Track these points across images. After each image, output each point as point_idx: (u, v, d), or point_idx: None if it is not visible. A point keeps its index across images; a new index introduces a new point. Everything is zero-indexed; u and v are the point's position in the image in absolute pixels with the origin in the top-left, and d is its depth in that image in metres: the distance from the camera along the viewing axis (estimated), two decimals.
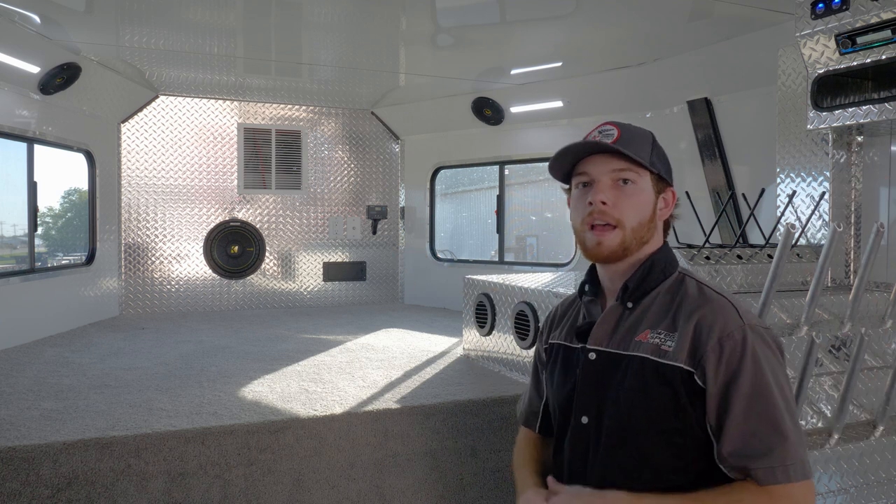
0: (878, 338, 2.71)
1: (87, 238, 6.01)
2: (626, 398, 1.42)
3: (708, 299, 1.42)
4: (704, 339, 1.35)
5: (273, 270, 6.99)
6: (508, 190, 7.26)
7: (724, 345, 1.33)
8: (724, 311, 1.38)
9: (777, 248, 2.35)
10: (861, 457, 2.42)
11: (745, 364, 1.32)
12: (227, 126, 6.76)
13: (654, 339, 1.41)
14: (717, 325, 1.36)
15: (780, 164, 3.68)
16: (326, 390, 3.48)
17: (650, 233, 1.50)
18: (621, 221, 1.45)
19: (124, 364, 4.14)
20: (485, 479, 3.22)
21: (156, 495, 2.68)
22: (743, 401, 1.30)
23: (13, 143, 5.00)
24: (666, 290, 1.48)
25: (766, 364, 1.33)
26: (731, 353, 1.33)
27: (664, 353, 1.39)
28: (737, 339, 1.34)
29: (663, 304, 1.46)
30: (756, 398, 1.31)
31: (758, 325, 1.37)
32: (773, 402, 1.31)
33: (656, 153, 1.51)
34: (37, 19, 4.34)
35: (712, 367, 1.33)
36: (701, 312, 1.39)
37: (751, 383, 1.31)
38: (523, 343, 3.78)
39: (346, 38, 4.86)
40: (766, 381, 1.32)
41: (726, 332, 1.34)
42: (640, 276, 1.48)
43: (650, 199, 1.49)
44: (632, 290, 1.48)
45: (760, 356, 1.33)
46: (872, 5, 2.94)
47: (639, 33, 4.59)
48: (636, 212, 1.47)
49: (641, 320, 1.46)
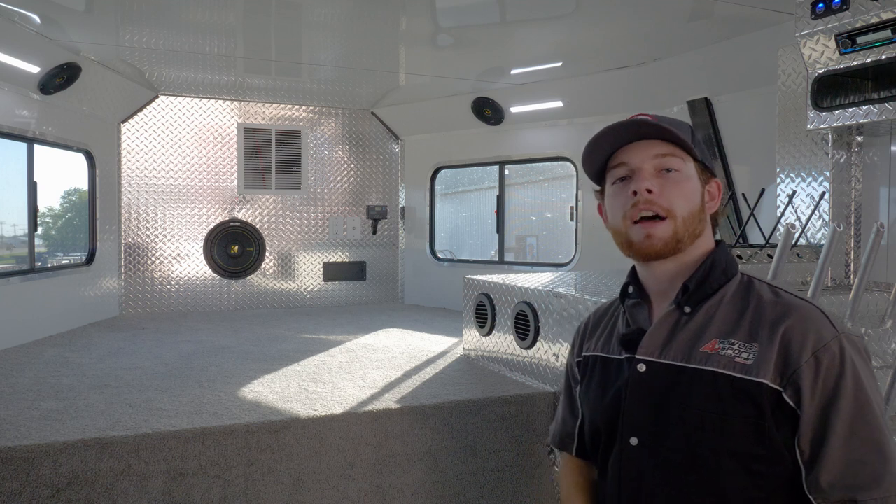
0: (878, 338, 2.71)
1: (87, 238, 6.01)
2: (695, 418, 1.22)
3: (792, 306, 1.23)
4: (796, 352, 1.17)
5: (273, 270, 6.99)
6: (508, 190, 7.26)
7: (822, 359, 1.16)
8: (815, 319, 1.20)
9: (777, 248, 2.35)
10: None
11: (846, 381, 1.15)
12: (227, 126, 6.76)
13: (727, 350, 1.23)
14: (809, 335, 1.18)
15: (780, 164, 3.69)
16: (326, 390, 3.48)
17: (702, 225, 1.33)
18: (671, 211, 1.29)
19: (124, 364, 4.14)
20: (485, 478, 3.22)
21: (156, 495, 2.68)
22: (846, 423, 1.14)
23: (13, 143, 5.00)
24: (732, 294, 1.30)
25: (866, 379, 1.17)
26: (828, 369, 1.16)
27: (743, 367, 1.20)
28: (834, 351, 1.16)
29: (732, 309, 1.28)
30: (859, 420, 1.14)
31: (851, 334, 1.20)
32: (877, 424, 1.15)
33: (696, 141, 1.36)
34: (37, 19, 4.34)
35: (808, 385, 1.16)
36: (788, 322, 1.20)
37: (853, 403, 1.14)
38: (523, 343, 3.78)
39: (346, 38, 4.86)
40: (867, 400, 1.15)
41: (821, 343, 1.17)
42: (701, 275, 1.31)
43: (698, 188, 1.33)
44: (692, 291, 1.30)
45: (860, 370, 1.16)
46: (872, 5, 2.95)
47: (639, 33, 4.59)
48: (686, 200, 1.30)
49: (706, 328, 1.27)
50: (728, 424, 1.19)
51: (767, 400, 1.17)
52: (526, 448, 3.32)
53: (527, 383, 3.63)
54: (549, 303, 3.56)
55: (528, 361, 3.74)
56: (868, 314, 2.96)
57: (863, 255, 2.45)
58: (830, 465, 1.13)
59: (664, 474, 1.25)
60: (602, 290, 3.54)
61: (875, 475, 1.12)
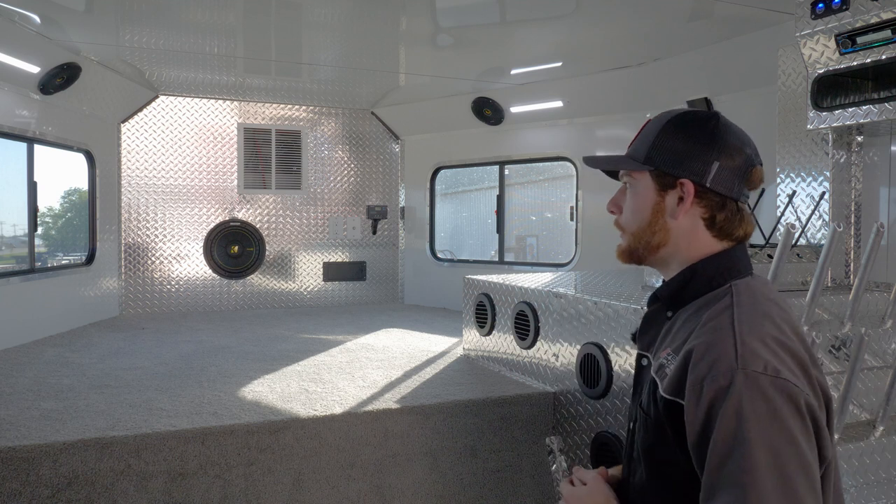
0: (878, 338, 2.71)
1: (87, 238, 6.01)
2: (641, 417, 1.31)
3: (714, 328, 1.18)
4: (689, 375, 1.15)
5: (273, 270, 6.99)
6: (508, 190, 7.26)
7: (706, 388, 1.10)
8: (722, 350, 1.13)
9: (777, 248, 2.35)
10: (861, 457, 2.42)
11: (726, 415, 1.07)
12: (227, 126, 6.76)
13: (667, 359, 1.24)
14: (703, 363, 1.13)
15: (780, 164, 3.69)
16: (326, 390, 3.48)
17: (660, 235, 1.31)
18: (624, 227, 1.37)
19: (124, 364, 4.14)
20: (485, 479, 3.22)
21: (156, 495, 2.68)
22: (716, 455, 1.08)
23: (13, 143, 5.00)
24: (703, 304, 1.27)
25: (754, 418, 1.06)
26: (712, 400, 1.09)
27: (663, 377, 1.22)
28: (721, 384, 1.09)
29: (691, 319, 1.27)
30: (728, 456, 1.07)
31: (759, 373, 1.09)
32: (750, 464, 1.05)
33: (660, 143, 1.31)
34: (37, 19, 4.34)
35: (689, 409, 1.13)
36: (698, 341, 1.17)
37: (728, 438, 1.07)
38: (523, 343, 3.78)
39: (346, 38, 4.86)
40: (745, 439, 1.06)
41: (711, 373, 1.11)
42: (676, 284, 1.32)
43: (647, 200, 1.32)
44: (665, 298, 1.34)
45: (746, 409, 1.07)
46: (872, 5, 2.95)
47: (639, 33, 4.59)
48: (633, 215, 1.35)
49: (670, 335, 1.30)
50: (647, 426, 1.26)
51: (667, 413, 1.19)
52: (526, 448, 3.32)
53: (527, 383, 3.63)
54: (549, 303, 3.56)
55: (528, 361, 3.74)
56: (868, 314, 2.96)
57: (863, 255, 2.45)
58: (705, 488, 1.10)
59: (634, 460, 1.34)
60: (602, 290, 3.54)
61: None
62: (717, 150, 1.27)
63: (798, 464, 1.06)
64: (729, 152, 1.28)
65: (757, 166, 1.30)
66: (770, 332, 1.16)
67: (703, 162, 1.27)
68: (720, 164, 1.27)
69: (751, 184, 1.31)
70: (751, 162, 1.29)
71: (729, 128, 1.31)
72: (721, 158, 1.27)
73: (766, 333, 1.15)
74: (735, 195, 1.28)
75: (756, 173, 1.30)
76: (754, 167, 1.30)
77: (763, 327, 1.17)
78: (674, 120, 1.33)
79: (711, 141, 1.28)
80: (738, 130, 1.32)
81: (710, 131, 1.29)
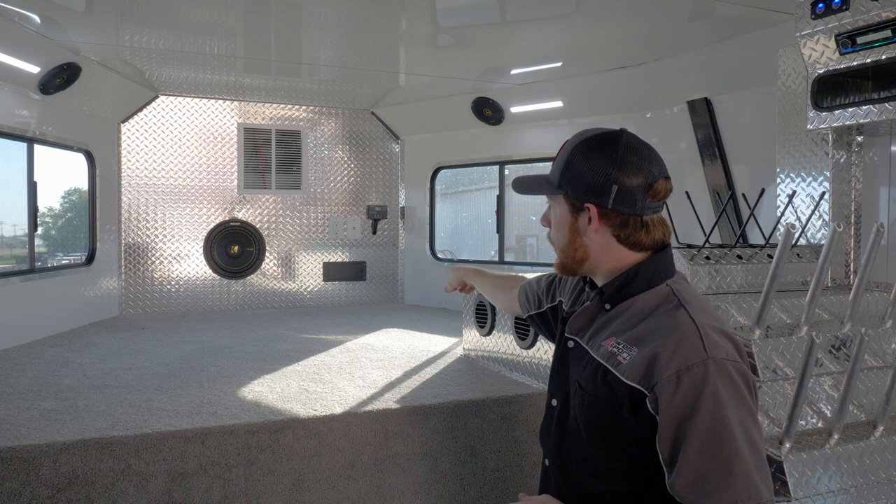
0: (878, 338, 2.71)
1: (87, 238, 6.01)
2: (581, 395, 1.47)
3: (677, 325, 1.34)
4: (662, 367, 1.29)
5: (273, 270, 6.99)
6: (508, 190, 7.26)
7: (683, 378, 1.27)
8: (689, 341, 1.30)
9: (777, 248, 2.35)
10: (861, 457, 2.42)
11: (705, 400, 1.25)
12: (227, 126, 6.76)
13: (614, 347, 1.40)
14: (677, 356, 1.29)
15: (780, 164, 3.69)
16: (326, 390, 3.48)
17: (582, 251, 1.49)
18: (553, 243, 1.57)
19: (124, 364, 4.14)
20: (485, 479, 3.22)
21: (156, 495, 2.68)
22: (698, 438, 1.24)
23: (13, 143, 5.00)
24: (644, 301, 1.43)
25: (728, 401, 1.26)
26: (688, 388, 1.26)
27: (619, 364, 1.37)
28: (697, 373, 1.26)
29: (636, 313, 1.42)
30: (713, 436, 1.24)
31: (724, 359, 1.29)
32: (731, 443, 1.24)
33: (568, 169, 1.46)
34: (37, 19, 4.34)
35: (666, 398, 1.27)
36: (664, 338, 1.32)
37: (709, 421, 1.24)
38: (523, 343, 3.78)
39: (346, 38, 4.86)
40: (724, 420, 1.25)
41: (686, 364, 1.28)
42: (620, 282, 1.46)
43: (565, 221, 1.50)
44: (608, 294, 1.49)
45: (721, 393, 1.26)
46: (872, 5, 2.95)
47: (639, 33, 4.59)
48: (556, 233, 1.54)
49: (611, 324, 1.45)
50: (599, 407, 1.40)
51: (629, 397, 1.34)
52: (526, 448, 3.32)
53: (527, 383, 3.64)
54: None
55: (528, 361, 3.74)
56: (868, 314, 2.96)
57: (863, 255, 2.45)
58: (684, 473, 1.26)
59: (566, 436, 1.51)
60: None
61: (716, 487, 1.23)
62: (616, 173, 1.39)
63: (758, 431, 1.29)
64: (628, 173, 1.40)
65: (660, 180, 1.42)
66: (715, 323, 1.36)
67: (603, 186, 1.41)
68: (618, 186, 1.39)
69: (655, 197, 1.43)
70: (653, 178, 1.41)
71: (630, 148, 1.42)
72: (619, 181, 1.39)
73: (714, 326, 1.35)
74: (638, 211, 1.42)
75: (659, 186, 1.42)
76: (657, 182, 1.42)
77: (711, 320, 1.36)
78: (579, 146, 1.46)
79: (611, 165, 1.40)
80: (641, 147, 1.43)
81: (608, 156, 1.41)
